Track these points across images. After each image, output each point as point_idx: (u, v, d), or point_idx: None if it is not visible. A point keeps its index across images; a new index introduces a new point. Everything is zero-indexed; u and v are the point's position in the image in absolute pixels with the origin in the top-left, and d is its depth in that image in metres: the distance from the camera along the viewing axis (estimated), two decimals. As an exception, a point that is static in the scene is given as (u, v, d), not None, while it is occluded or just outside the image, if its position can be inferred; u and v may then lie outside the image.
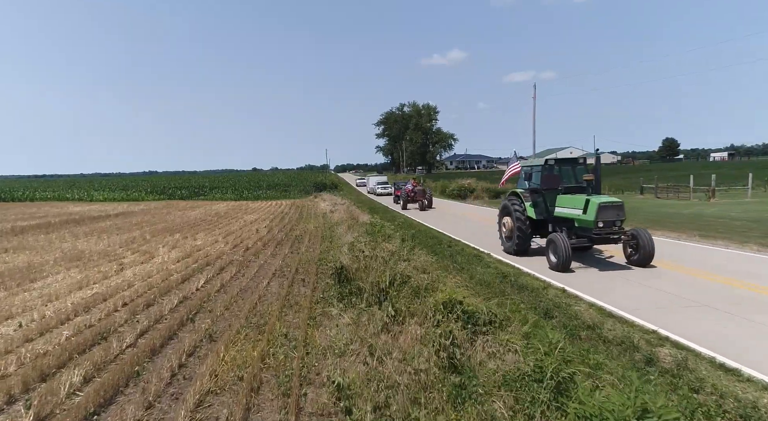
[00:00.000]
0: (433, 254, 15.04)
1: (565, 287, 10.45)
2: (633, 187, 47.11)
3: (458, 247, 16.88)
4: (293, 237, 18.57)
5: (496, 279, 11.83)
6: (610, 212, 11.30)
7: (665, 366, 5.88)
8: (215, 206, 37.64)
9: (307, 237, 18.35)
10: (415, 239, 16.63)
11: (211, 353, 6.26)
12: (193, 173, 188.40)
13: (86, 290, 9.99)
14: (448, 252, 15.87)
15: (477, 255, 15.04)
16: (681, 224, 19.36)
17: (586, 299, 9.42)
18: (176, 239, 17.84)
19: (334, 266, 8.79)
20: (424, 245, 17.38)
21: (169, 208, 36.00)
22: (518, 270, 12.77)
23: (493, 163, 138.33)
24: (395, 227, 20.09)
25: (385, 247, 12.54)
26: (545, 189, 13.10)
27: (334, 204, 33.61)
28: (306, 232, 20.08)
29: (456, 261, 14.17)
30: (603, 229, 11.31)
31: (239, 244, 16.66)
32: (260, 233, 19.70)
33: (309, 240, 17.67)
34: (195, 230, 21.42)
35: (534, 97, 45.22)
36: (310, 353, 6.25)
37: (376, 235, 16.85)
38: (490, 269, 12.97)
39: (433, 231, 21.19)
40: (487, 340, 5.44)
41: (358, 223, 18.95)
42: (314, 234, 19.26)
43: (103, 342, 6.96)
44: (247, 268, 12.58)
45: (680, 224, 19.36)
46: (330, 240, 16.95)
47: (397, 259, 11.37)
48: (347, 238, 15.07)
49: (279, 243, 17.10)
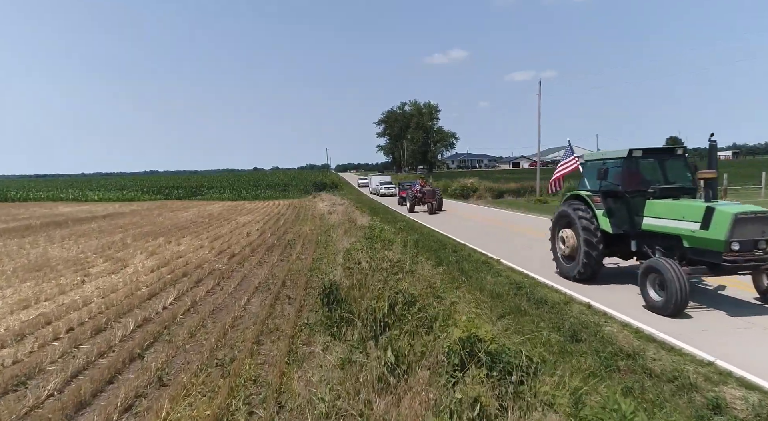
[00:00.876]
0: (438, 260, 13.51)
1: (590, 302, 8.89)
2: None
3: (464, 252, 15.33)
4: (286, 241, 16.96)
5: (510, 290, 10.33)
6: (752, 227, 7.36)
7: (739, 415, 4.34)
8: (210, 207, 36.06)
9: (300, 241, 16.75)
10: (418, 245, 15.01)
11: (152, 412, 4.66)
12: (194, 173, 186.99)
13: (31, 310, 8.40)
14: (454, 258, 14.32)
15: (486, 262, 13.48)
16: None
17: (618, 317, 7.86)
18: (158, 244, 16.25)
19: (323, 284, 7.16)
20: (427, 249, 15.83)
21: (162, 209, 34.43)
22: (533, 280, 11.21)
23: (494, 162, 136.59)
24: (396, 230, 18.51)
25: (385, 255, 10.94)
26: (630, 192, 9.43)
27: (332, 205, 32.00)
28: (300, 235, 18.49)
29: (463, 269, 12.62)
30: (740, 253, 7.38)
31: (225, 250, 15.06)
32: (250, 237, 18.10)
33: (302, 245, 16.07)
34: (182, 233, 19.82)
35: (539, 94, 43.50)
36: (283, 411, 4.65)
37: (375, 240, 15.27)
38: (501, 278, 11.43)
39: (437, 234, 19.60)
40: (522, 405, 3.83)
41: (356, 226, 17.34)
42: (309, 238, 17.67)
43: (19, 389, 5.37)
44: (228, 279, 10.97)
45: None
46: (325, 245, 15.35)
47: (398, 271, 9.77)
48: (343, 244, 13.47)
49: (269, 249, 15.50)
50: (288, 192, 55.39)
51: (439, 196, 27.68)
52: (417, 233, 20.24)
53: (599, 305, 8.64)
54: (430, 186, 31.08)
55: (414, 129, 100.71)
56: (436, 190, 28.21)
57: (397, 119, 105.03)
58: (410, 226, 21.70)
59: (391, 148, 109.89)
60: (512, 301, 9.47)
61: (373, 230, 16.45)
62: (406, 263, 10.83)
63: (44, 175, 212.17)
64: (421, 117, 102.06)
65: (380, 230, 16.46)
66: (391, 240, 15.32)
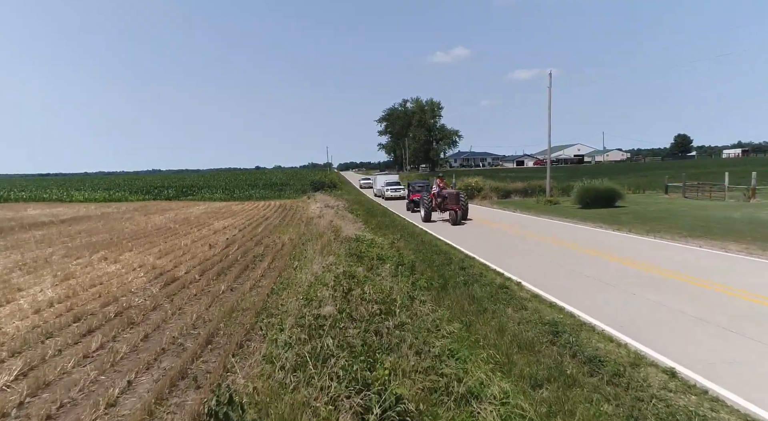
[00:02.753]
0: (442, 284, 9.93)
1: (675, 368, 5.39)
2: (652, 186, 41.86)
3: (474, 269, 11.84)
4: (251, 257, 13.37)
5: (542, 336, 7.03)
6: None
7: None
8: (193, 209, 32.53)
9: (270, 257, 13.16)
10: (415, 266, 11.37)
11: None
12: (197, 172, 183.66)
13: None
14: (462, 278, 10.84)
15: (503, 286, 9.98)
16: (740, 231, 14.92)
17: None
18: (87, 262, 12.70)
19: (207, 407, 3.53)
20: (428, 264, 12.32)
21: (138, 212, 30.93)
22: (574, 319, 7.68)
23: (498, 160, 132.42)
24: (390, 241, 14.88)
25: (366, 294, 7.31)
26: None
27: (325, 206, 28.38)
28: (274, 247, 14.91)
29: (475, 297, 9.12)
30: None
31: (169, 271, 11.49)
32: (213, 250, 14.52)
33: (271, 263, 12.49)
34: (135, 244, 16.28)
35: (549, 87, 39.71)
36: None
37: (362, 258, 11.67)
38: (527, 313, 8.08)
39: (440, 243, 15.99)
40: None
41: (339, 238, 13.70)
42: (283, 252, 14.08)
43: None
44: (134, 328, 7.38)
45: (740, 232, 14.87)
46: (297, 264, 11.75)
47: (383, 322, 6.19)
48: (315, 267, 9.84)
49: (225, 269, 11.91)
50: (284, 192, 51.81)
51: (465, 202, 21.07)
52: (416, 240, 16.63)
53: (690, 372, 5.09)
54: (453, 188, 24.76)
55: (416, 127, 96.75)
56: (460, 193, 21.35)
57: (398, 117, 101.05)
58: (409, 231, 18.07)
59: (392, 146, 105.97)
60: (549, 356, 6.16)
61: (360, 244, 12.83)
62: (396, 304, 7.20)
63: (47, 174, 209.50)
64: (424, 114, 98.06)
65: (369, 245, 12.84)
66: (383, 258, 11.72)
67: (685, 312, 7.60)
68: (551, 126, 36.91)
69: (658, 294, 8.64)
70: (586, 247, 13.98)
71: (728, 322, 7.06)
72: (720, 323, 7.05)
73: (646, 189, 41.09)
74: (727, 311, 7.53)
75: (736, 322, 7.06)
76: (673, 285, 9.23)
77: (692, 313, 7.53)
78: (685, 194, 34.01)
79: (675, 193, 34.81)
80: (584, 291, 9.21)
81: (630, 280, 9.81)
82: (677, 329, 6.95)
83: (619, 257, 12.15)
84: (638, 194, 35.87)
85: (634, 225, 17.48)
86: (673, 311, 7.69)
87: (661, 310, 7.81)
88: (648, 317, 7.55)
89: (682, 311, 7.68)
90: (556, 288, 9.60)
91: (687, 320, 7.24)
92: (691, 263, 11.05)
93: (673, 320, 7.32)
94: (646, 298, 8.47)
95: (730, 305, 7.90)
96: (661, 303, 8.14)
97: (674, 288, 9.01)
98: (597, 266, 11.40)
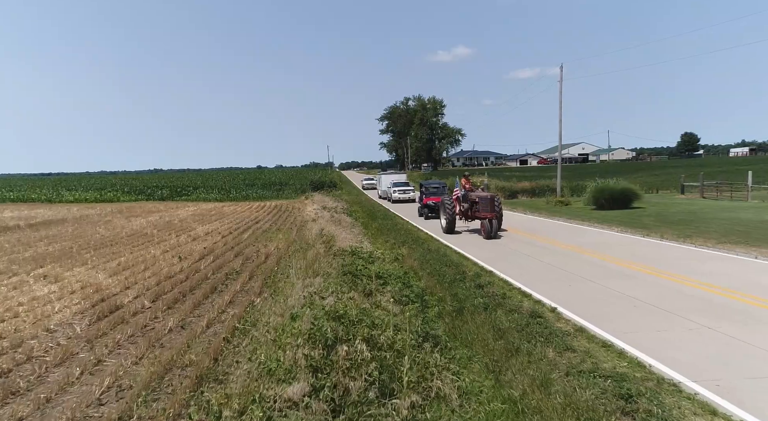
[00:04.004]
0: (457, 309, 7.53)
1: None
2: (666, 186, 39.40)
3: (492, 287, 9.56)
4: (225, 274, 10.89)
5: (607, 400, 4.82)
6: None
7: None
8: (181, 210, 30.08)
9: (246, 274, 10.68)
10: (422, 298, 8.86)
11: None
12: (199, 171, 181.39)
13: None
14: (480, 301, 8.70)
15: (535, 313, 7.72)
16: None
17: None
18: (23, 280, 10.23)
19: None
20: (438, 279, 9.93)
21: (123, 214, 28.50)
22: (642, 368, 5.40)
23: (501, 159, 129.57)
24: (393, 254, 12.37)
25: (358, 352, 4.82)
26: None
27: (322, 208, 25.89)
28: (255, 260, 12.45)
29: (501, 329, 6.73)
30: None
31: (116, 294, 9.02)
32: (182, 264, 12.05)
33: (246, 283, 10.01)
34: (97, 254, 13.84)
35: (560, 81, 37.10)
36: None
37: (358, 277, 9.21)
38: (575, 358, 5.95)
39: (450, 252, 13.55)
40: None
41: (332, 250, 11.16)
42: (265, 266, 11.62)
43: None
44: (12, 401, 4.90)
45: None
46: (275, 288, 9.25)
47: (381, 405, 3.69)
48: (292, 298, 7.32)
49: (189, 291, 9.43)
50: (283, 192, 49.26)
51: (500, 208, 15.83)
52: (422, 248, 14.14)
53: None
54: (484, 189, 18.98)
55: (418, 125, 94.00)
56: (495, 197, 16.10)
57: (400, 115, 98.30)
58: (413, 238, 15.53)
59: (394, 145, 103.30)
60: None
61: (356, 260, 10.32)
62: (403, 365, 4.70)
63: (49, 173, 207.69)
64: (426, 112, 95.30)
65: (366, 260, 10.31)
66: (385, 277, 9.22)
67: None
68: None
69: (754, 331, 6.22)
70: (618, 257, 11.66)
71: None
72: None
73: (659, 189, 38.69)
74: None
75: None
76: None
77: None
78: (703, 194, 31.64)
79: (691, 194, 32.53)
80: (646, 325, 6.80)
81: (689, 303, 7.44)
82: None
83: (669, 273, 9.75)
84: (651, 194, 33.48)
85: (662, 230, 15.32)
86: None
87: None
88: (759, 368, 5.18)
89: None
90: (604, 318, 7.22)
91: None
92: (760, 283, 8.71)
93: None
94: (730, 335, 6.08)
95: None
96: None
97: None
98: (644, 285, 8.99)
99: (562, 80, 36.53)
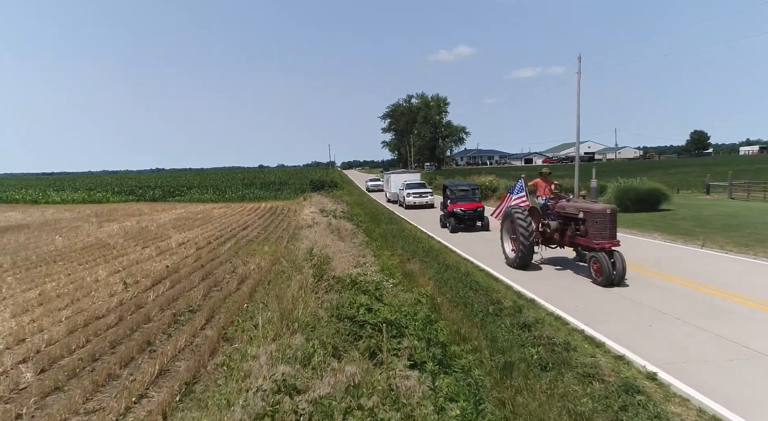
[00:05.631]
0: (501, 365, 4.98)
1: None
2: (684, 185, 36.26)
3: (544, 326, 6.86)
4: (173, 315, 7.66)
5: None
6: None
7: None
8: (166, 213, 26.90)
9: (205, 312, 7.48)
10: (447, 326, 5.58)
11: None
12: (200, 171, 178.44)
13: None
14: (531, 350, 6.29)
15: (626, 382, 4.68)
16: None
17: None
18: None
19: None
20: (466, 311, 6.89)
21: (99, 218, 25.35)
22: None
23: (506, 158, 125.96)
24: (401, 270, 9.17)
25: None
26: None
27: (320, 211, 22.67)
28: (225, 288, 9.24)
29: (577, 413, 3.90)
30: None
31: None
32: (123, 295, 8.84)
33: (201, 327, 6.82)
34: (25, 275, 10.71)
35: (578, 72, 33.74)
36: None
37: (359, 323, 6.06)
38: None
39: (472, 268, 10.35)
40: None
41: (323, 280, 7.91)
42: (235, 297, 8.42)
43: None
44: None
45: None
46: (230, 354, 6.03)
47: None
48: (246, 398, 4.08)
49: (106, 351, 6.22)
50: (282, 192, 45.98)
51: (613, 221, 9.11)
52: (436, 264, 10.96)
53: None
54: (582, 195, 11.13)
55: (421, 123, 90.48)
56: (614, 210, 9.23)
57: (403, 113, 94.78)
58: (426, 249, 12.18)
59: (396, 144, 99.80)
60: None
61: (356, 296, 7.09)
62: None
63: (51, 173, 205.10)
64: (429, 110, 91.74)
65: (372, 295, 7.04)
66: (398, 326, 6.05)
67: None
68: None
69: None
70: (689, 278, 8.63)
71: None
72: None
73: (680, 188, 35.62)
74: None
75: None
76: None
77: None
78: (731, 195, 28.48)
79: (717, 194, 29.46)
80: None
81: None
82: None
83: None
84: (673, 194, 30.56)
85: (712, 237, 12.69)
86: None
87: None
88: None
89: None
90: (738, 395, 4.05)
91: None
92: None
93: None
94: None
95: None
96: None
97: None
98: (758, 325, 5.80)
99: (580, 72, 33.05)
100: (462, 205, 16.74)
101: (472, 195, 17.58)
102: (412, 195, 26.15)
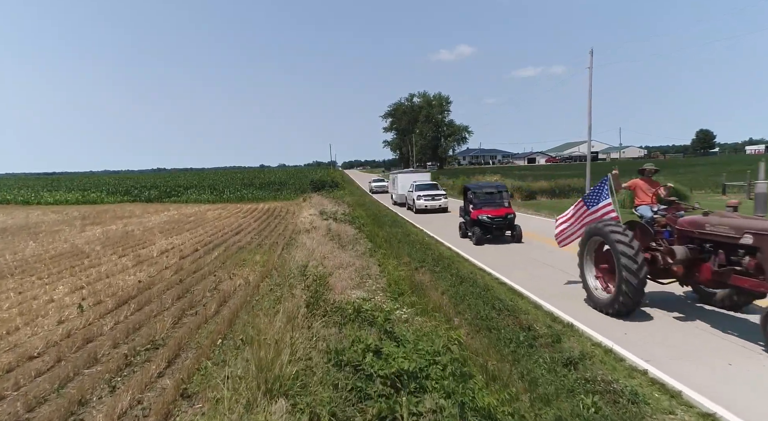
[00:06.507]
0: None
1: None
2: (696, 185, 34.62)
3: (594, 364, 5.52)
4: (130, 353, 5.96)
5: None
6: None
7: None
8: (156, 216, 25.20)
9: (166, 354, 5.77)
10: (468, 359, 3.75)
11: None
12: (202, 170, 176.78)
13: None
14: (585, 401, 4.58)
15: None
16: None
17: None
18: None
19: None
20: (490, 337, 5.66)
21: (84, 220, 23.69)
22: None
23: (509, 158, 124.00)
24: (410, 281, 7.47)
25: None
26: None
27: (319, 214, 20.98)
28: (200, 311, 7.55)
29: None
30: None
31: None
32: (74, 322, 7.15)
33: (147, 385, 5.10)
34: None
35: (590, 66, 32.01)
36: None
37: (364, 378, 4.21)
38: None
39: (491, 281, 8.62)
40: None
41: (318, 306, 6.21)
42: (205, 330, 6.73)
43: None
44: None
45: None
46: None
47: None
48: None
49: (22, 415, 4.51)
50: (282, 192, 44.23)
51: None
52: (448, 275, 9.26)
53: None
54: (732, 206, 6.44)
55: (423, 122, 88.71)
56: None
57: (405, 112, 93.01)
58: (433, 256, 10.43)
59: (398, 143, 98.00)
60: None
61: (360, 332, 5.38)
62: None
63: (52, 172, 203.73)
64: (431, 109, 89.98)
65: (381, 328, 5.33)
66: (417, 377, 4.28)
67: None
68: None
69: None
70: None
71: None
72: None
73: (693, 189, 34.05)
74: None
75: None
76: None
77: None
78: (750, 195, 26.88)
79: (733, 194, 27.89)
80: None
81: None
82: None
83: None
84: (690, 191, 28.86)
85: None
86: None
87: None
88: None
89: None
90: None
91: None
92: None
93: None
94: None
95: None
96: None
97: None
98: None
99: (592, 67, 31.41)
100: (489, 211, 13.93)
101: (500, 199, 14.56)
102: (424, 198, 23.37)
